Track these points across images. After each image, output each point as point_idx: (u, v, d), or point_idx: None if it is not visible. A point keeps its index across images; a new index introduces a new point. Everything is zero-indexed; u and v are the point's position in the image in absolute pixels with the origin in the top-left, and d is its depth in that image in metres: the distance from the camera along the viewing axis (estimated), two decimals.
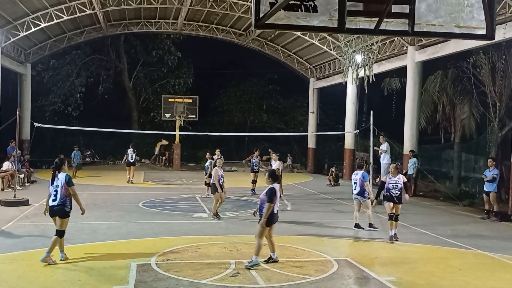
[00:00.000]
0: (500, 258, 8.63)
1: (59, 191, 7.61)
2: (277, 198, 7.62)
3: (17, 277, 6.92)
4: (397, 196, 9.77)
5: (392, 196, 9.77)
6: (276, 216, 7.73)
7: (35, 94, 27.46)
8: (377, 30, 3.95)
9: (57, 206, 7.62)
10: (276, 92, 36.25)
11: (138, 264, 7.56)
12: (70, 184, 7.68)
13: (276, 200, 7.58)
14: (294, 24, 3.84)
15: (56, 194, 7.62)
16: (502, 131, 18.44)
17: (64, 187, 7.60)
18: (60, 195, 7.60)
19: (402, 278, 7.22)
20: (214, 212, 12.01)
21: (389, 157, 17.66)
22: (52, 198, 7.66)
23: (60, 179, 7.66)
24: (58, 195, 7.61)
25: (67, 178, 7.70)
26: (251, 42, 27.41)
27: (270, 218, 7.58)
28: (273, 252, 7.83)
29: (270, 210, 7.50)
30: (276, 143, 32.70)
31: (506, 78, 18.06)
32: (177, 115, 27.28)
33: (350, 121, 23.87)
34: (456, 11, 3.98)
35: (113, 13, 23.80)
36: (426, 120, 21.65)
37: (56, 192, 7.63)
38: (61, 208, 7.61)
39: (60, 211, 7.63)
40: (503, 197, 15.24)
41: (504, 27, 13.46)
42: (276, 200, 7.61)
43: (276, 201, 7.62)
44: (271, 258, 7.79)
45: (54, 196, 7.64)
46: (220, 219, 11.81)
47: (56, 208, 7.64)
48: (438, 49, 17.14)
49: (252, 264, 7.48)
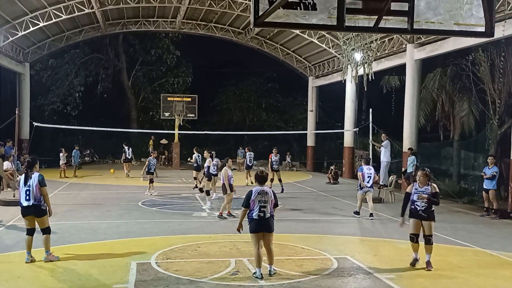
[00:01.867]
0: (500, 255, 8.64)
1: (31, 191, 7.50)
2: (255, 203, 6.80)
3: (17, 276, 6.92)
4: (424, 210, 7.54)
5: (417, 210, 7.58)
6: (260, 222, 6.80)
7: (34, 94, 27.44)
8: (376, 28, 3.96)
9: (32, 206, 7.52)
10: (275, 90, 36.24)
11: (138, 263, 7.56)
12: (43, 185, 7.58)
13: (253, 205, 6.81)
14: (293, 22, 3.84)
15: (29, 194, 7.49)
16: (501, 128, 18.45)
17: (37, 186, 7.51)
18: (34, 194, 7.50)
19: (402, 276, 7.23)
20: (222, 211, 11.91)
21: (389, 155, 17.68)
22: (25, 198, 7.52)
23: (33, 179, 7.55)
24: (31, 194, 7.49)
25: (40, 178, 7.59)
26: (250, 40, 27.38)
27: (252, 225, 6.86)
28: (270, 265, 7.00)
29: (245, 215, 6.96)
30: (276, 142, 32.63)
31: (505, 75, 18.07)
32: (176, 114, 27.27)
33: (349, 119, 23.87)
34: (455, 8, 3.98)
35: (111, 12, 23.78)
36: (425, 117, 21.67)
37: (29, 192, 7.50)
38: (37, 207, 7.54)
39: (36, 210, 7.56)
40: (503, 195, 15.27)
41: (503, 24, 13.45)
42: (254, 206, 6.80)
43: (254, 207, 6.80)
44: (269, 271, 6.98)
45: (27, 196, 7.51)
46: (224, 219, 11.77)
47: (32, 208, 7.54)
48: (437, 46, 17.13)
49: (255, 276, 6.84)
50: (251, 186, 18.96)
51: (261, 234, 6.86)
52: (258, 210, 6.78)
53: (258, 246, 6.83)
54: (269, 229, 6.89)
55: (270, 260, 6.99)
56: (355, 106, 24.11)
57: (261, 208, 6.78)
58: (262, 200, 6.80)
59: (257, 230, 6.82)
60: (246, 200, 6.85)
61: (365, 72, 14.24)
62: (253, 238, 6.86)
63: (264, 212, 6.79)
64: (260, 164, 26.12)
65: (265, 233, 6.87)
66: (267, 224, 6.86)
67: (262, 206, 6.78)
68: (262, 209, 6.79)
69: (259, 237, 6.84)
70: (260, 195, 6.82)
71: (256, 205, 6.79)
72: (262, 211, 6.78)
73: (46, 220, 7.69)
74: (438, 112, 21.43)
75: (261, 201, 6.79)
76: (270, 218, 6.89)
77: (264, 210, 6.79)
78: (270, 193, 6.93)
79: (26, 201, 7.53)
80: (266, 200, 6.82)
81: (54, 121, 28.81)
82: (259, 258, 6.80)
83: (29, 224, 7.68)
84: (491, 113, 18.85)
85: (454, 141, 20.94)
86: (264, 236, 6.87)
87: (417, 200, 7.54)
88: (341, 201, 15.38)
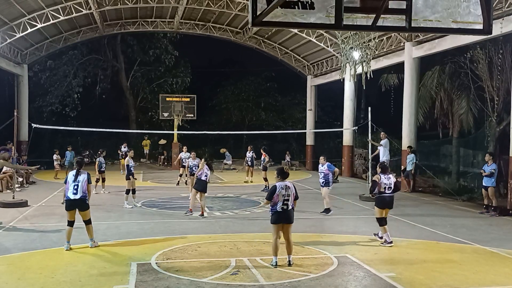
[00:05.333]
0: (499, 252, 8.66)
1: (79, 186, 8.44)
2: (279, 197, 7.33)
3: (17, 278, 6.91)
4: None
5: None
6: (282, 215, 7.39)
7: (32, 95, 27.36)
8: (375, 26, 3.96)
9: (79, 200, 8.45)
10: (273, 90, 36.22)
11: (138, 264, 7.56)
12: (90, 182, 8.65)
13: (277, 199, 7.33)
14: (291, 22, 3.84)
15: (77, 188, 8.43)
16: (500, 125, 18.47)
17: (85, 182, 8.51)
18: (82, 189, 8.46)
19: (402, 274, 7.23)
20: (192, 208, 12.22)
21: (388, 154, 17.69)
22: (73, 192, 8.44)
23: (83, 176, 8.54)
24: (79, 189, 8.43)
25: (88, 176, 8.66)
26: (248, 40, 27.37)
27: (275, 217, 7.42)
28: (289, 255, 7.53)
29: (267, 206, 7.62)
30: (275, 141, 32.72)
31: (504, 72, 18.08)
32: (175, 114, 27.25)
33: (348, 118, 23.87)
34: (453, 6, 3.98)
35: (109, 13, 23.75)
36: (424, 115, 21.67)
37: (77, 187, 8.43)
38: (83, 201, 8.51)
39: (82, 203, 8.53)
40: (502, 192, 15.28)
41: (501, 22, 13.45)
42: (278, 200, 7.32)
43: (278, 201, 7.32)
44: (288, 261, 7.50)
45: (75, 190, 8.44)
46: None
47: (78, 202, 8.47)
48: (435, 44, 17.14)
49: (271, 264, 7.46)
50: (247, 184, 19.09)
51: (281, 226, 7.47)
52: (282, 203, 7.37)
53: (277, 236, 7.45)
54: (290, 220, 7.52)
55: (289, 250, 7.56)
56: (353, 104, 24.10)
57: (284, 201, 7.38)
58: (286, 194, 7.39)
59: (278, 221, 7.43)
60: (270, 194, 7.42)
61: (364, 70, 14.25)
62: (274, 228, 7.47)
63: (287, 205, 7.40)
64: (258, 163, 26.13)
65: (286, 224, 7.49)
66: (288, 216, 7.47)
67: (286, 200, 7.39)
68: (285, 202, 7.39)
69: (280, 228, 7.47)
70: (284, 190, 7.40)
71: (280, 199, 7.35)
72: (285, 204, 7.39)
73: (89, 213, 8.67)
74: (436, 110, 21.43)
75: (285, 195, 7.38)
76: (291, 210, 7.50)
77: (287, 203, 7.40)
78: (292, 187, 7.53)
79: (73, 194, 8.42)
80: (289, 194, 7.42)
81: (53, 122, 28.77)
82: (276, 248, 7.45)
83: (70, 217, 8.53)
84: (489, 111, 18.87)
85: (453, 139, 20.94)
86: (284, 227, 7.49)
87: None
88: (340, 200, 15.40)
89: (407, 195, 16.80)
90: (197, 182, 11.99)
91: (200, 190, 11.90)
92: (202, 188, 11.87)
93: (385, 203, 9.20)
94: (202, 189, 11.88)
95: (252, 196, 16.23)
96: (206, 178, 11.89)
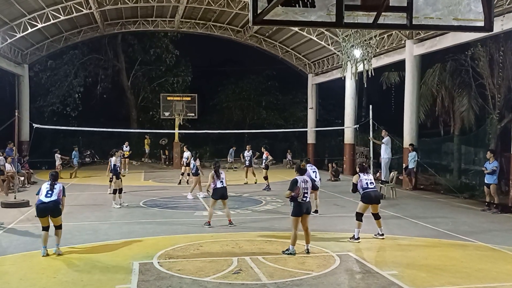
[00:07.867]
0: (502, 250, 8.65)
1: (54, 191, 8.22)
2: (300, 190, 8.05)
3: (19, 278, 6.92)
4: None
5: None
6: (303, 206, 8.08)
7: (33, 95, 27.39)
8: (375, 24, 3.95)
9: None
10: (274, 88, 36.18)
11: (140, 263, 7.57)
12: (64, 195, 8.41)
13: (299, 192, 8.02)
14: (292, 20, 3.83)
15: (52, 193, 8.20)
16: (501, 122, 18.45)
17: (60, 193, 8.31)
18: (56, 194, 8.24)
19: (404, 272, 7.23)
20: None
21: (390, 152, 17.65)
22: (46, 195, 8.17)
23: (57, 186, 8.34)
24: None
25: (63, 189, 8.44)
26: (249, 38, 27.34)
27: (297, 209, 8.09)
28: (307, 244, 8.28)
29: (289, 196, 8.16)
30: (276, 140, 32.68)
31: (505, 70, 18.05)
32: (176, 114, 27.25)
33: (349, 116, 23.85)
34: (454, 3, 3.98)
35: (110, 12, 23.74)
36: (425, 113, 21.65)
37: (52, 192, 8.21)
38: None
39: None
40: (504, 189, 15.25)
41: (502, 19, 13.42)
42: (299, 192, 8.04)
43: (299, 193, 8.04)
44: (306, 249, 8.27)
45: (49, 194, 8.18)
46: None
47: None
48: (436, 42, 17.10)
49: (288, 252, 8.14)
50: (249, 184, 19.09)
51: (300, 218, 8.15)
52: (302, 196, 8.12)
53: (297, 227, 8.14)
54: (309, 211, 8.29)
55: (307, 239, 8.29)
56: (355, 103, 24.07)
57: (304, 194, 8.14)
58: (305, 187, 8.16)
59: (301, 213, 8.12)
60: (292, 185, 8.10)
61: (365, 68, 14.22)
62: (295, 221, 8.16)
63: (306, 197, 8.18)
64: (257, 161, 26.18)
65: (305, 214, 8.20)
66: (307, 207, 8.23)
67: (305, 192, 8.16)
68: (305, 195, 8.16)
69: (299, 220, 8.17)
70: (304, 183, 8.17)
71: (301, 191, 8.09)
72: (305, 196, 8.16)
73: (60, 219, 8.34)
74: (438, 108, 21.41)
75: (305, 188, 8.15)
76: (309, 202, 8.33)
77: (306, 196, 8.18)
78: (310, 181, 8.46)
79: (46, 197, 8.15)
80: (308, 187, 8.23)
81: (54, 122, 28.75)
82: (295, 238, 8.15)
83: (44, 223, 8.26)
84: (491, 108, 18.84)
85: (455, 136, 20.91)
86: (303, 218, 8.19)
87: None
88: (342, 198, 15.39)
89: (409, 193, 16.80)
90: (214, 191, 10.79)
91: (216, 198, 10.78)
92: (218, 197, 10.76)
93: (370, 199, 9.32)
94: (218, 197, 10.77)
95: (254, 195, 16.23)
96: (222, 184, 10.72)
